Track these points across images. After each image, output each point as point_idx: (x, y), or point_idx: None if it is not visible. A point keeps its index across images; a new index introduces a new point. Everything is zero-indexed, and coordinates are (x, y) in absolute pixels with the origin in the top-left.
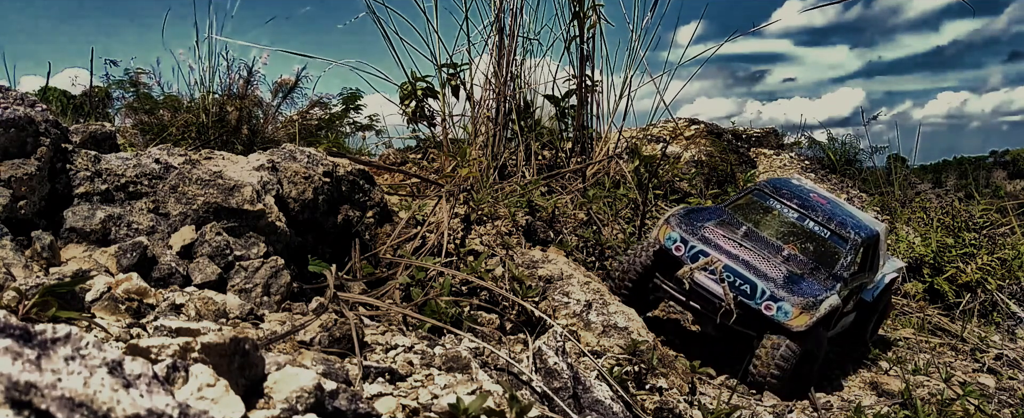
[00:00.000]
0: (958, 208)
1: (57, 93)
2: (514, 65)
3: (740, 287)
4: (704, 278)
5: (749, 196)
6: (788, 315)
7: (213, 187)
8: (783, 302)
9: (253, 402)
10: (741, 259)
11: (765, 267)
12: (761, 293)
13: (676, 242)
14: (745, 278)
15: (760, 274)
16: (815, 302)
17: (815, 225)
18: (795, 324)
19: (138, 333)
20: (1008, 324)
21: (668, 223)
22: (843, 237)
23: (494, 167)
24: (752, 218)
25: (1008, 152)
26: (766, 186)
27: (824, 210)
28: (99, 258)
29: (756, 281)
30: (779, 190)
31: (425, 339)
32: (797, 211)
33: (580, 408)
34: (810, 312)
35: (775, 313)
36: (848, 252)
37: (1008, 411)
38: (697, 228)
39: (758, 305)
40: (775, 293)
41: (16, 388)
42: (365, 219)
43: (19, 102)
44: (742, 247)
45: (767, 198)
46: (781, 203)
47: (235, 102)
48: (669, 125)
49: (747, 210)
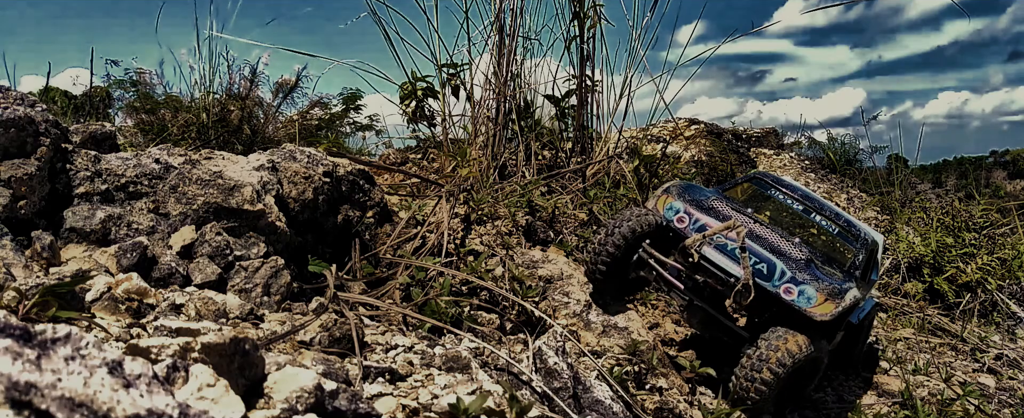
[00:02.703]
0: (958, 208)
1: (58, 93)
2: (514, 65)
3: (756, 266)
4: (715, 253)
5: (748, 183)
6: (811, 301)
7: (213, 187)
8: (806, 286)
9: (253, 402)
10: (756, 235)
11: (785, 247)
12: (780, 274)
13: (679, 213)
14: (762, 256)
15: (780, 253)
16: (840, 290)
17: (823, 220)
18: (818, 312)
19: (138, 333)
20: (1008, 324)
21: (668, 192)
22: (854, 236)
23: (494, 167)
24: (753, 204)
25: (1008, 152)
26: (766, 175)
27: (829, 207)
28: (99, 258)
29: (775, 260)
30: (780, 180)
31: (425, 339)
32: (802, 203)
33: (580, 408)
34: (836, 300)
35: (796, 298)
36: (860, 251)
37: (1008, 411)
38: (702, 200)
39: (776, 288)
40: (796, 275)
41: (16, 388)
42: (365, 219)
43: (19, 102)
44: (758, 224)
45: (768, 187)
46: (784, 193)
47: (236, 102)
48: (669, 125)
49: (747, 196)
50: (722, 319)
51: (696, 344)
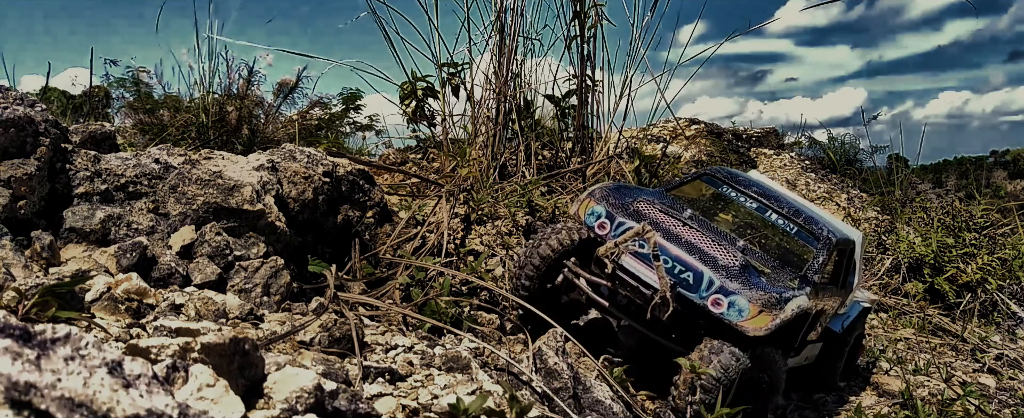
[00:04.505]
0: (958, 208)
1: (57, 93)
2: (515, 65)
3: (681, 275)
4: (634, 262)
5: (697, 181)
6: (743, 313)
7: (213, 187)
8: (736, 297)
9: (253, 402)
10: (684, 241)
11: (715, 252)
12: (708, 284)
13: (600, 218)
14: (687, 265)
15: (708, 260)
16: (779, 300)
17: (779, 218)
18: (751, 326)
19: (138, 333)
20: (1008, 324)
21: (592, 195)
22: (814, 234)
23: (494, 167)
24: (700, 205)
25: (1009, 152)
26: (718, 171)
27: (789, 202)
28: (99, 258)
29: (702, 269)
30: (734, 176)
31: (425, 339)
32: (757, 200)
33: (580, 408)
34: (772, 312)
35: (725, 310)
36: (820, 251)
37: (1008, 411)
38: (628, 202)
39: (703, 299)
40: (726, 285)
41: (16, 388)
42: (365, 219)
43: (19, 102)
44: (687, 227)
45: (719, 184)
46: (737, 190)
47: (235, 102)
48: (669, 125)
49: (694, 196)
50: (656, 337)
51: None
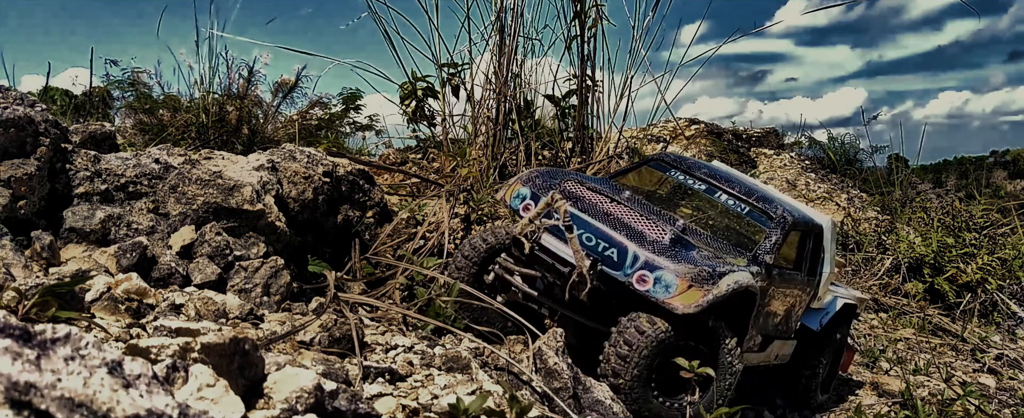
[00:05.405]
0: (959, 208)
1: (57, 93)
2: (515, 65)
3: (604, 252)
4: (553, 240)
5: (644, 167)
6: (670, 289)
7: (213, 187)
8: (662, 272)
9: (253, 402)
10: (610, 216)
11: (643, 227)
12: (632, 260)
13: (525, 200)
14: (611, 240)
15: (634, 235)
16: (711, 275)
17: (729, 198)
18: (680, 303)
19: (138, 333)
20: (1008, 324)
21: (519, 179)
22: (767, 213)
23: (494, 167)
24: (645, 190)
25: (1009, 152)
26: (665, 156)
27: (743, 183)
28: (99, 258)
29: (627, 244)
30: (682, 160)
31: (425, 339)
32: (706, 182)
33: (580, 408)
34: (703, 287)
35: (651, 287)
36: (773, 231)
37: (1008, 411)
38: (556, 183)
39: (627, 277)
40: (652, 260)
41: (16, 388)
42: (365, 219)
43: (19, 102)
44: (616, 204)
45: (667, 169)
46: (685, 174)
47: (235, 102)
48: (669, 125)
49: (639, 181)
50: (589, 323)
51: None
